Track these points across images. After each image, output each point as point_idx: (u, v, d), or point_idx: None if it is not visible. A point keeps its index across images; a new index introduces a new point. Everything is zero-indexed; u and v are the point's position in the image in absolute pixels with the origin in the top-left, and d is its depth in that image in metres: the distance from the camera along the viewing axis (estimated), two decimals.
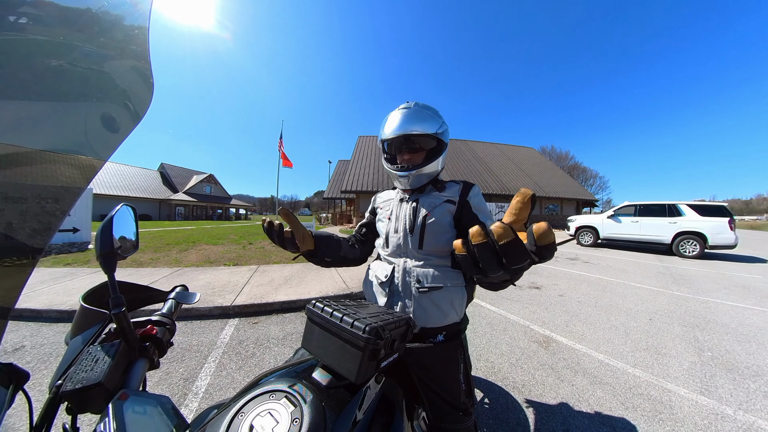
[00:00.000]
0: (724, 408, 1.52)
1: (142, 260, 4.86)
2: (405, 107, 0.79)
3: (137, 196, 27.26)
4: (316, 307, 0.50)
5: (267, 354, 1.99)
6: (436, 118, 0.78)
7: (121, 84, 0.41)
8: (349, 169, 15.77)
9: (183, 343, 2.11)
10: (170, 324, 0.56)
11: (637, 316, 2.92)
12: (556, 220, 17.61)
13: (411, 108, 0.78)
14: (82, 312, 0.47)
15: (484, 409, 1.47)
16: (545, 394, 1.60)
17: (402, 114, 0.77)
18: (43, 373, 1.68)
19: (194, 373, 1.74)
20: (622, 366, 1.93)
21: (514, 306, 3.15)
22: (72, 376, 0.37)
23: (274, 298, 2.94)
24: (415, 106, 0.78)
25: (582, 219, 9.39)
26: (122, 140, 0.39)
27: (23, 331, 2.25)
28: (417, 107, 0.78)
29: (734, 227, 6.66)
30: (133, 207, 0.54)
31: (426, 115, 0.76)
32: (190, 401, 1.49)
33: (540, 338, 2.36)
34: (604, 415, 1.44)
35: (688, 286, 4.23)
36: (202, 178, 36.07)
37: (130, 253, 0.51)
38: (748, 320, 2.85)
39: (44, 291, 2.99)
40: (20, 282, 0.33)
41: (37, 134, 0.32)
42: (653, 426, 1.37)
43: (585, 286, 4.10)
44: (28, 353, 1.91)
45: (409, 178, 0.78)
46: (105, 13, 0.38)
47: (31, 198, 0.33)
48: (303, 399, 0.39)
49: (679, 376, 1.81)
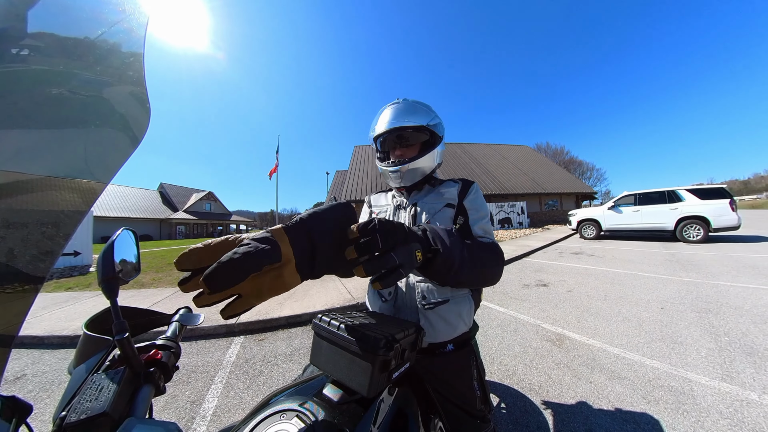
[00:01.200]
0: (749, 393, 1.48)
1: (144, 281, 4.83)
2: (395, 103, 0.78)
3: (138, 217, 27.35)
4: (322, 321, 0.49)
5: (275, 371, 1.95)
6: (428, 111, 0.77)
7: (119, 109, 0.42)
8: (347, 180, 15.88)
9: (188, 365, 2.07)
10: (175, 347, 0.54)
11: (649, 305, 2.87)
12: (557, 216, 17.61)
13: (401, 103, 0.77)
14: (84, 339, 0.46)
15: (501, 415, 1.42)
16: (563, 394, 1.56)
17: (392, 109, 0.76)
18: (45, 402, 1.64)
19: (201, 395, 1.70)
20: (639, 358, 1.89)
21: (523, 305, 3.11)
22: (76, 406, 0.36)
23: (279, 313, 2.91)
24: (405, 101, 0.78)
25: (583, 212, 9.38)
26: (122, 163, 0.40)
27: (24, 359, 2.20)
28: (407, 102, 0.78)
29: (735, 208, 6.66)
30: (134, 231, 0.54)
31: (417, 108, 0.75)
32: (198, 425, 1.45)
33: (552, 336, 2.31)
34: (626, 411, 1.40)
35: (697, 271, 4.19)
36: (202, 196, 36.32)
37: (132, 277, 0.51)
38: (762, 300, 2.80)
39: (45, 316, 2.96)
40: (23, 309, 0.33)
41: (39, 160, 0.32)
42: (677, 418, 1.33)
43: (592, 279, 4.06)
44: (29, 381, 1.87)
45: (401, 173, 0.74)
46: (102, 42, 0.39)
47: (32, 224, 0.33)
48: (315, 417, 0.37)
49: (699, 364, 1.77)
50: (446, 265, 0.48)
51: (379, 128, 0.75)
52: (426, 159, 0.74)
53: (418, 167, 0.74)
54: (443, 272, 0.48)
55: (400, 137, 0.75)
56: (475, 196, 0.75)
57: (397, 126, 0.73)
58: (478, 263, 0.57)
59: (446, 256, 0.47)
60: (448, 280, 0.51)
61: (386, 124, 0.74)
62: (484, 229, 0.71)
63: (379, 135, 0.76)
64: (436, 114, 0.78)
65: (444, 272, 0.48)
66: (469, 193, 0.75)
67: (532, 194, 16.88)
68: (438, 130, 0.76)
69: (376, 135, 0.77)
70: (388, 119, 0.74)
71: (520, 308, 3.01)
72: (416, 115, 0.73)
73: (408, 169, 0.73)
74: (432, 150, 0.75)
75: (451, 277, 0.50)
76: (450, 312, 0.71)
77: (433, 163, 0.77)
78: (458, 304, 0.72)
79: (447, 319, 0.71)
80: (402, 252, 0.38)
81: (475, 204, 0.74)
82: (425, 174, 0.77)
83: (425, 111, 0.76)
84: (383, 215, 0.84)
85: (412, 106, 0.75)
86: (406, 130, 0.73)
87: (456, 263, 0.49)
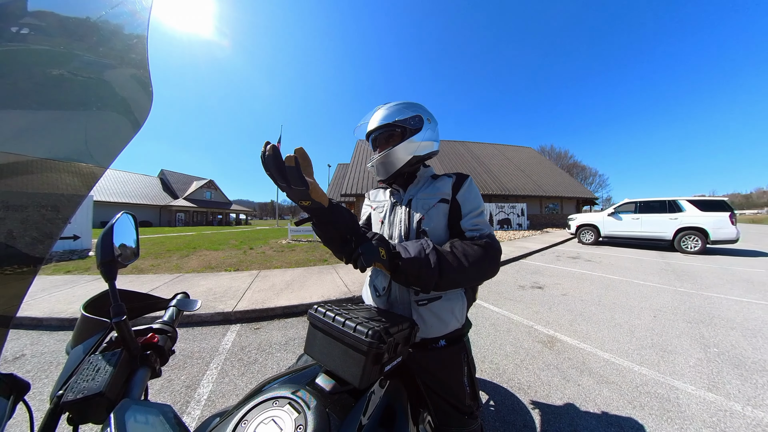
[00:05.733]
0: (733, 404, 1.50)
1: (143, 267, 4.85)
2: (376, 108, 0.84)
3: (138, 203, 27.31)
4: (318, 312, 0.50)
5: (269, 360, 1.98)
6: (401, 109, 0.79)
7: (120, 92, 0.41)
8: (349, 173, 15.81)
9: (185, 350, 2.10)
10: (172, 332, 0.55)
11: (641, 313, 2.90)
12: (557, 219, 17.60)
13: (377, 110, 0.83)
14: (83, 321, 0.47)
15: (489, 412, 1.45)
16: (551, 395, 1.59)
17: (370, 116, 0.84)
18: (43, 382, 1.67)
19: (196, 380, 1.73)
20: (628, 364, 1.91)
21: (517, 306, 3.13)
22: (73, 386, 0.36)
23: (275, 303, 2.93)
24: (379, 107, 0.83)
25: (582, 217, 9.38)
26: (123, 148, 0.40)
27: (23, 339, 2.23)
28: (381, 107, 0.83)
29: (735, 222, 6.65)
30: (133, 215, 0.54)
31: (389, 110, 0.79)
32: (192, 409, 1.48)
33: (544, 338, 2.34)
34: (612, 415, 1.42)
35: (692, 281, 4.21)
36: (202, 184, 36.18)
37: (131, 261, 0.51)
38: (753, 315, 2.83)
39: (45, 299, 2.98)
40: (22, 290, 0.33)
41: (39, 142, 0.32)
42: (662, 424, 1.35)
43: (588, 284, 4.08)
44: (28, 362, 1.90)
45: (376, 168, 0.81)
46: (105, 23, 0.38)
47: (32, 206, 0.33)
48: (307, 405, 0.38)
49: (686, 373, 1.80)
50: (413, 267, 0.57)
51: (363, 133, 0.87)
52: (396, 151, 0.77)
53: (388, 160, 0.78)
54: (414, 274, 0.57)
55: (377, 138, 0.82)
56: (467, 189, 0.76)
57: (369, 130, 0.82)
58: (460, 264, 0.60)
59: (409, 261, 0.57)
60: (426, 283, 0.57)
61: (366, 129, 0.84)
62: (473, 223, 0.71)
63: (367, 137, 0.85)
64: (411, 109, 0.79)
65: (415, 274, 0.57)
66: (462, 187, 0.76)
67: (533, 196, 16.83)
68: (408, 124, 0.78)
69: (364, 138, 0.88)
70: (372, 121, 0.82)
71: (514, 309, 3.03)
72: (385, 118, 0.79)
73: (379, 162, 0.79)
74: (401, 143, 0.77)
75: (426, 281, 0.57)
76: (442, 308, 0.72)
77: (406, 154, 0.77)
78: (451, 301, 0.73)
79: (439, 315, 0.72)
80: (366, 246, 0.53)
81: (467, 197, 0.75)
82: (399, 167, 0.78)
83: (398, 110, 0.79)
84: (380, 211, 0.87)
85: (386, 110, 0.80)
86: (377, 131, 0.81)
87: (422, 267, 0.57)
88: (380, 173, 0.81)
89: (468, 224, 0.71)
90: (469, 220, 0.72)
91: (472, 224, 0.71)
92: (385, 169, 0.79)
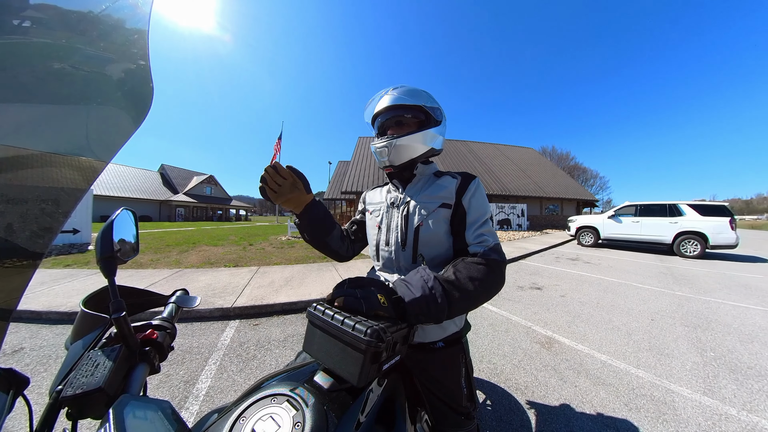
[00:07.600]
0: (728, 408, 1.51)
1: (142, 261, 4.86)
2: (395, 87, 0.77)
3: (138, 198, 27.31)
4: (317, 309, 0.50)
5: (268, 356, 1.99)
6: (427, 95, 0.75)
7: (121, 87, 0.41)
8: (349, 170, 15.78)
9: (183, 345, 2.11)
10: (171, 328, 0.55)
11: (639, 316, 2.90)
12: (557, 220, 17.60)
13: (400, 87, 0.76)
14: (82, 317, 0.47)
15: (486, 412, 1.46)
16: (548, 396, 1.59)
17: (392, 90, 0.75)
18: (42, 376, 1.68)
19: (195, 375, 1.73)
20: (625, 367, 1.92)
21: (516, 307, 3.14)
22: (72, 381, 0.37)
23: (274, 300, 2.94)
24: (403, 86, 0.76)
25: (582, 219, 9.38)
26: (124, 142, 0.39)
27: (23, 332, 2.24)
28: (405, 86, 0.76)
29: (735, 227, 6.65)
30: (133, 211, 0.54)
31: (415, 92, 0.74)
32: (190, 404, 1.49)
33: (542, 339, 2.35)
34: (607, 417, 1.43)
35: (690, 286, 4.22)
36: (203, 179, 36.16)
37: (131, 257, 0.51)
38: (751, 320, 2.84)
39: (44, 292, 2.99)
40: (22, 284, 0.33)
41: (39, 136, 0.32)
42: (657, 427, 1.36)
43: (586, 286, 4.09)
44: (27, 355, 1.91)
45: (388, 150, 0.71)
46: (106, 17, 0.38)
47: (32, 200, 0.33)
48: (305, 402, 0.38)
49: (683, 377, 1.80)
50: (419, 307, 0.53)
51: (379, 106, 0.74)
52: (416, 137, 0.71)
53: (407, 145, 0.71)
54: (423, 313, 0.53)
55: (396, 117, 0.74)
56: (474, 193, 0.69)
57: (395, 104, 0.72)
58: (467, 291, 0.56)
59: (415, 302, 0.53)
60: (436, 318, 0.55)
61: (385, 102, 0.73)
62: (478, 234, 0.65)
63: (378, 113, 0.75)
64: (435, 100, 0.77)
65: (424, 313, 0.53)
66: (468, 191, 0.69)
67: (534, 197, 16.83)
68: (434, 114, 0.74)
69: (376, 113, 0.76)
70: (387, 98, 0.74)
71: (512, 309, 3.04)
72: (414, 97, 0.73)
73: (396, 146, 0.71)
74: (424, 130, 0.72)
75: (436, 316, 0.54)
76: None
77: (424, 144, 0.73)
78: None
79: None
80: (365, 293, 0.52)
81: (473, 203, 0.68)
82: (413, 156, 0.73)
83: (425, 95, 0.75)
84: (376, 214, 0.82)
85: (411, 89, 0.74)
86: (403, 108, 0.72)
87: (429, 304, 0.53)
88: (392, 157, 0.72)
89: (472, 237, 0.66)
90: (474, 232, 0.66)
91: (476, 236, 0.65)
92: (398, 154, 0.72)
